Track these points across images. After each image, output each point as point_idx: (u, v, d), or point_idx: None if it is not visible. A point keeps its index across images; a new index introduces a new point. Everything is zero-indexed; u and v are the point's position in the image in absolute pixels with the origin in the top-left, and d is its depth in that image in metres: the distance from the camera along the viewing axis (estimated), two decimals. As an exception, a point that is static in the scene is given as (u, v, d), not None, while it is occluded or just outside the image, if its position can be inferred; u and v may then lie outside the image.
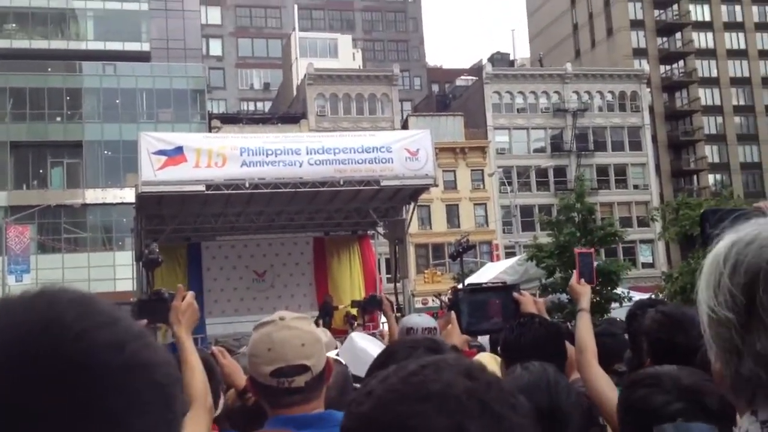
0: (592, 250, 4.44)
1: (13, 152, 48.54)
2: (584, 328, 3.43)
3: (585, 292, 3.62)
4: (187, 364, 2.77)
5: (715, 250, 1.13)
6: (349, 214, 22.90)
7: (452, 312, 3.54)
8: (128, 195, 31.13)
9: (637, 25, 65.96)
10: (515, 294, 3.57)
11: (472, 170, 55.98)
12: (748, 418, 1.07)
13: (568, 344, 3.36)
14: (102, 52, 51.77)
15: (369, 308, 13.51)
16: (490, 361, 3.89)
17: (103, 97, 50.40)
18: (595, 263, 4.09)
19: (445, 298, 16.90)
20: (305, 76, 55.70)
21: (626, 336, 4.41)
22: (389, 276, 28.96)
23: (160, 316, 3.24)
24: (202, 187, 18.20)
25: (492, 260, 39.58)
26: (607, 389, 2.96)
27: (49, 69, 49.95)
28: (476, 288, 6.04)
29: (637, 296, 12.31)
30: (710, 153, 64.90)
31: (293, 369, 2.26)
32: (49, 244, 46.91)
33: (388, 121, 54.37)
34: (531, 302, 3.52)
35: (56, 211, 45.14)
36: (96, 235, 48.66)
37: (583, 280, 3.67)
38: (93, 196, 47.97)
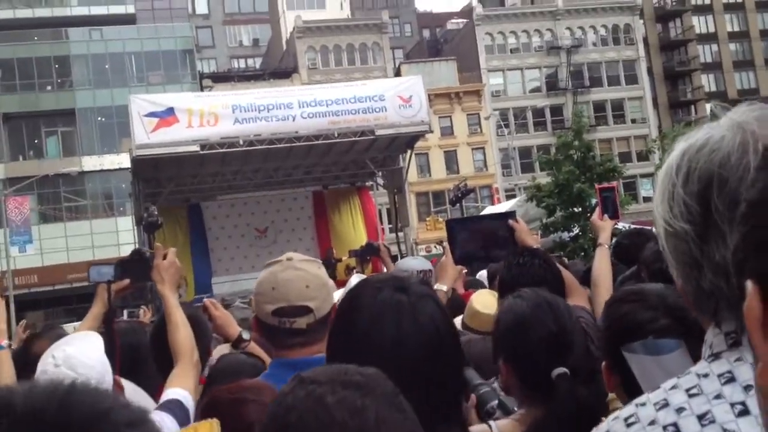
0: (614, 184, 4.27)
1: (6, 124, 48.20)
2: (601, 262, 3.40)
3: (606, 227, 3.58)
4: (172, 321, 2.81)
5: (667, 161, 1.08)
6: (346, 166, 22.81)
7: (446, 244, 3.45)
8: (125, 160, 30.97)
9: (627, -45, 64.78)
10: (510, 221, 3.38)
11: (468, 115, 55.59)
12: (712, 330, 1.04)
13: (568, 276, 3.24)
14: (87, 17, 51.04)
15: (366, 256, 13.50)
16: (489, 298, 3.85)
17: (92, 63, 49.90)
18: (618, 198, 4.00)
19: (446, 244, 16.87)
20: (294, 29, 54.99)
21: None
22: (391, 226, 28.98)
23: (142, 275, 3.24)
24: (196, 147, 18.13)
25: (492, 203, 39.57)
26: None
27: (36, 38, 49.29)
28: (470, 217, 5.97)
29: (638, 229, 12.24)
30: (707, 82, 64.32)
31: (295, 309, 2.25)
32: (50, 213, 46.92)
33: (380, 70, 53.82)
34: (526, 230, 3.40)
35: (55, 181, 45.06)
36: (96, 201, 48.61)
37: (606, 215, 3.62)
38: (90, 163, 47.83)
